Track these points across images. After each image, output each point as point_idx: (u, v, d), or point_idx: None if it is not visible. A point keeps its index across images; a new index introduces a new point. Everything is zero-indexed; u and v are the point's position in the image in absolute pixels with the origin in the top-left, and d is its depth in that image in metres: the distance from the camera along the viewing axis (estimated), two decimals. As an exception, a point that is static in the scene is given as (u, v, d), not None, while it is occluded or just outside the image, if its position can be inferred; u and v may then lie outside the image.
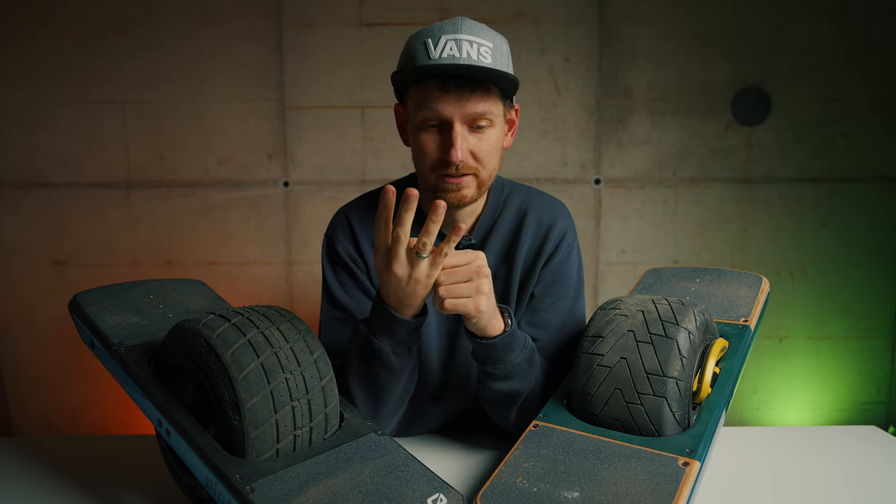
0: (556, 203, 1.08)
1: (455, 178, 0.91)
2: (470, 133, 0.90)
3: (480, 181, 0.94)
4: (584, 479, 0.71)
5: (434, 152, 0.91)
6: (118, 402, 2.18)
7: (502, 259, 1.03)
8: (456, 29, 0.87)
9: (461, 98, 0.87)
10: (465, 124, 0.89)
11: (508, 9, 2.09)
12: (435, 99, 0.88)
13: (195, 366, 0.73)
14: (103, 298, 0.91)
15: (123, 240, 2.17)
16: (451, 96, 0.87)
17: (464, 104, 0.87)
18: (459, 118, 0.88)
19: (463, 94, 0.87)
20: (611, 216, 2.17)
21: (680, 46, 2.09)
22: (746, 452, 0.97)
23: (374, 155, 2.15)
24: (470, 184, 0.93)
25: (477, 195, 0.95)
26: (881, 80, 2.09)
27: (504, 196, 1.06)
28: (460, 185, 0.92)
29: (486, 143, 0.91)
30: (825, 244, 2.16)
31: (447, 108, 0.88)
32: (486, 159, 0.92)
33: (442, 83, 0.87)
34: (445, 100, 0.87)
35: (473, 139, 0.90)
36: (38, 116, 2.12)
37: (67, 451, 1.00)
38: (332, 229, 1.06)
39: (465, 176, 0.91)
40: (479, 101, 0.88)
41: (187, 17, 2.08)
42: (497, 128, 0.92)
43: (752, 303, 1.01)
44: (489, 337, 0.87)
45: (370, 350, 0.87)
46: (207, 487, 0.68)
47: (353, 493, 0.66)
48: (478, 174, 0.93)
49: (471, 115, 0.88)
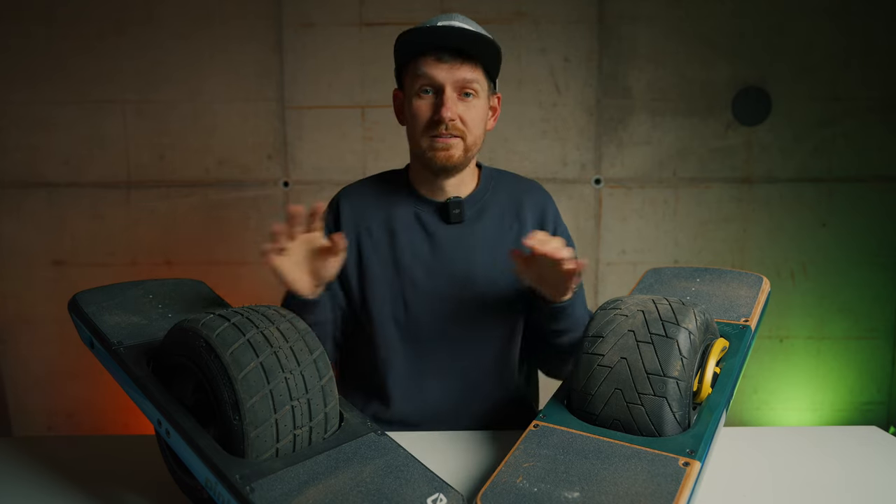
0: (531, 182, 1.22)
1: (444, 138, 1.03)
2: (459, 100, 1.03)
3: (467, 146, 1.05)
4: (585, 480, 0.71)
5: (426, 113, 1.03)
6: (118, 402, 2.18)
7: (508, 231, 1.13)
8: (451, 17, 1.03)
9: (453, 66, 1.01)
10: (455, 90, 1.02)
11: (508, 9, 2.09)
12: (430, 66, 1.01)
13: (195, 366, 0.73)
14: (103, 298, 0.91)
15: (123, 240, 2.17)
16: (444, 64, 1.01)
17: (455, 71, 1.01)
18: (451, 84, 1.01)
19: (455, 63, 1.01)
20: (611, 216, 2.17)
21: (680, 46, 2.09)
22: (746, 452, 0.97)
23: (374, 155, 2.14)
24: (457, 145, 1.04)
25: (463, 159, 1.06)
26: (881, 80, 2.09)
27: (493, 180, 1.17)
28: (448, 144, 1.04)
29: (472, 111, 1.04)
30: (825, 244, 2.16)
31: (440, 73, 1.01)
32: (472, 125, 1.04)
33: (437, 55, 1.01)
34: (439, 67, 1.01)
35: (462, 105, 1.03)
36: (38, 116, 2.12)
37: (67, 451, 0.99)
38: (330, 204, 1.17)
39: (453, 137, 1.03)
40: (468, 70, 1.01)
41: (187, 17, 2.08)
42: (482, 100, 1.05)
43: (752, 303, 1.01)
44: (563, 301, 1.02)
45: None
46: (207, 487, 0.68)
47: (353, 493, 0.66)
48: (464, 138, 1.04)
49: (460, 82, 1.02)
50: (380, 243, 1.10)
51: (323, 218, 0.95)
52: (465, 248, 1.10)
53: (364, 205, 1.13)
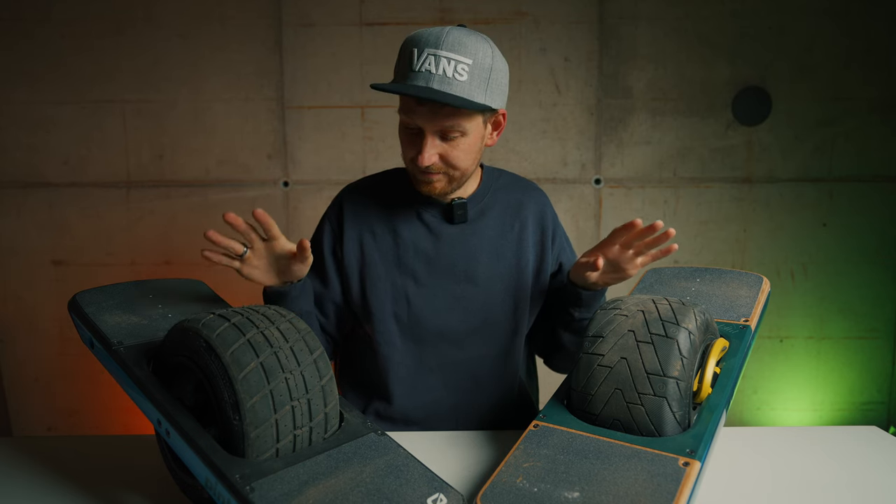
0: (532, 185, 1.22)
1: (427, 174, 1.02)
2: (441, 140, 0.99)
3: (451, 178, 1.04)
4: (585, 479, 0.71)
5: (410, 151, 1.01)
6: (118, 402, 2.18)
7: (511, 233, 1.13)
8: (439, 43, 0.94)
9: (432, 113, 0.96)
10: (435, 134, 0.98)
11: (508, 9, 2.09)
12: (411, 109, 0.97)
13: (195, 366, 0.72)
14: (103, 298, 0.91)
15: (123, 240, 2.17)
16: (424, 109, 0.96)
17: (433, 118, 0.96)
18: (430, 129, 0.97)
19: (433, 109, 0.95)
20: (611, 216, 2.17)
21: (680, 46, 2.09)
22: (746, 452, 0.97)
23: (374, 155, 2.14)
24: (440, 179, 1.03)
25: (448, 188, 1.05)
26: (881, 80, 2.09)
27: (493, 180, 1.18)
28: (431, 179, 1.03)
29: (456, 150, 1.00)
30: (825, 244, 2.16)
31: (420, 119, 0.97)
32: (456, 162, 1.01)
33: (418, 98, 0.94)
34: (419, 112, 0.96)
35: (445, 146, 0.99)
36: (38, 116, 2.12)
37: (67, 451, 0.99)
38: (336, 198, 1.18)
39: (435, 174, 1.02)
40: (447, 118, 0.96)
41: (187, 17, 2.08)
42: (470, 136, 1.00)
43: (752, 303, 1.01)
44: (597, 288, 1.05)
45: None
46: (207, 487, 0.68)
47: (353, 493, 0.66)
48: (447, 173, 1.02)
49: (440, 128, 0.97)
50: (382, 242, 1.11)
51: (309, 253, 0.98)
52: (467, 246, 1.10)
53: (367, 204, 1.14)
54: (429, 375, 1.12)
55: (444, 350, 1.11)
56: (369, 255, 1.11)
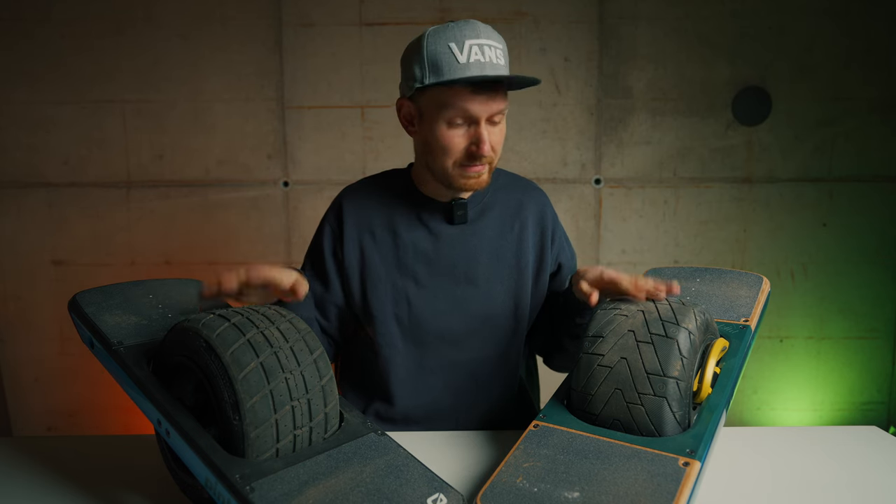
0: (532, 184, 1.22)
1: (478, 167, 1.03)
2: (490, 127, 1.01)
3: (492, 167, 1.06)
4: (585, 479, 0.71)
5: (460, 145, 1.01)
6: (118, 402, 2.18)
7: (510, 234, 1.13)
8: (476, 33, 0.98)
9: (489, 99, 0.98)
10: (487, 120, 1.01)
11: (508, 8, 2.09)
12: (466, 100, 0.98)
13: (195, 366, 0.72)
14: (103, 298, 0.91)
15: (123, 240, 2.17)
16: (481, 97, 0.98)
17: (490, 104, 0.99)
18: (486, 116, 0.99)
19: (490, 95, 0.98)
20: (611, 216, 2.17)
21: (680, 46, 2.09)
22: (746, 452, 0.97)
23: (373, 155, 2.14)
24: (486, 171, 1.05)
25: (489, 178, 1.07)
26: (881, 80, 2.09)
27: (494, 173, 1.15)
28: (481, 172, 1.03)
29: (499, 135, 1.04)
30: (825, 244, 2.16)
31: (476, 107, 0.98)
32: (499, 149, 1.05)
33: (473, 87, 0.97)
34: (476, 101, 0.98)
35: (492, 133, 1.02)
36: (38, 116, 2.12)
37: (67, 451, 0.99)
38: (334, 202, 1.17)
39: (485, 165, 1.03)
40: (500, 101, 1.00)
41: (187, 17, 2.08)
42: (505, 120, 1.05)
43: (752, 303, 1.01)
44: None
45: None
46: (207, 487, 0.68)
47: (353, 493, 0.66)
48: (492, 162, 1.05)
49: (493, 113, 1.00)
50: (383, 243, 1.11)
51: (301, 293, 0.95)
52: (468, 247, 1.10)
53: (366, 205, 1.13)
54: (429, 376, 1.12)
55: (444, 351, 1.11)
56: (370, 256, 1.11)
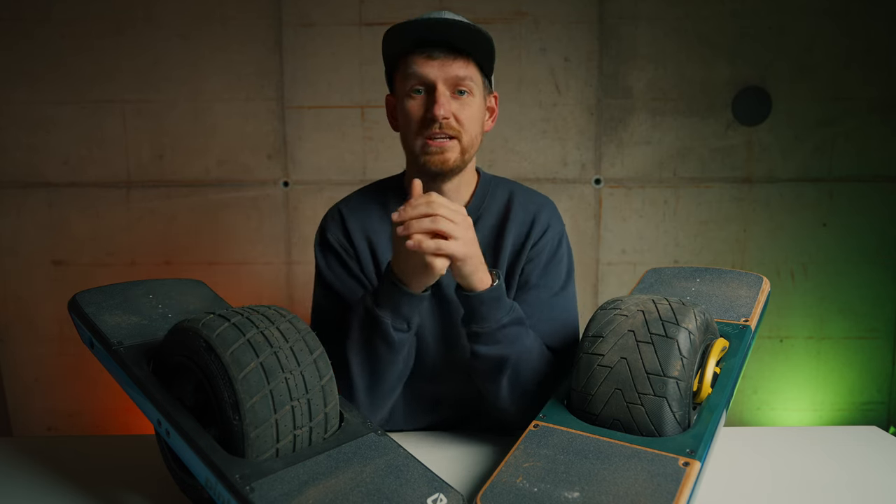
0: (541, 196, 1.13)
1: (439, 140, 0.97)
2: (453, 98, 0.97)
3: (463, 147, 0.99)
4: (585, 479, 0.71)
5: (418, 113, 0.97)
6: (118, 402, 2.18)
7: (490, 247, 1.06)
8: (439, 13, 0.97)
9: (444, 62, 0.95)
10: (447, 87, 0.96)
11: (508, 9, 2.09)
12: (420, 64, 0.96)
13: (195, 366, 0.72)
14: (103, 298, 0.91)
15: (123, 240, 2.17)
16: (435, 61, 0.95)
17: (446, 67, 0.95)
18: (443, 80, 0.96)
19: (446, 59, 0.95)
20: (611, 216, 2.17)
21: (680, 46, 2.09)
22: (746, 452, 0.97)
23: (373, 155, 2.14)
24: (453, 147, 0.98)
25: (460, 162, 1.00)
26: (881, 80, 2.09)
27: (491, 187, 1.11)
28: (444, 147, 0.97)
29: (467, 109, 0.97)
30: (825, 244, 2.16)
31: (431, 71, 0.95)
32: (467, 124, 0.98)
33: (427, 51, 0.95)
34: (430, 64, 0.95)
35: (456, 104, 0.97)
36: (38, 116, 2.12)
37: (67, 451, 0.99)
38: (324, 222, 1.12)
39: (449, 139, 0.97)
40: (460, 66, 0.95)
41: (187, 17, 2.08)
42: (477, 98, 0.99)
43: (752, 303, 1.01)
44: (476, 290, 0.90)
45: (371, 321, 0.91)
46: (207, 487, 0.68)
47: (353, 493, 0.66)
48: (460, 138, 0.98)
49: (453, 79, 0.96)
50: (386, 252, 1.07)
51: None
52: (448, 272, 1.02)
53: (365, 214, 1.09)
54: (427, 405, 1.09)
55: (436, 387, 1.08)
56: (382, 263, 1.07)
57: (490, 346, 0.93)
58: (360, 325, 0.93)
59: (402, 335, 0.92)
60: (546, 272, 1.06)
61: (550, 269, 1.07)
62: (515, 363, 0.94)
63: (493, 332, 0.92)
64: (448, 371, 1.07)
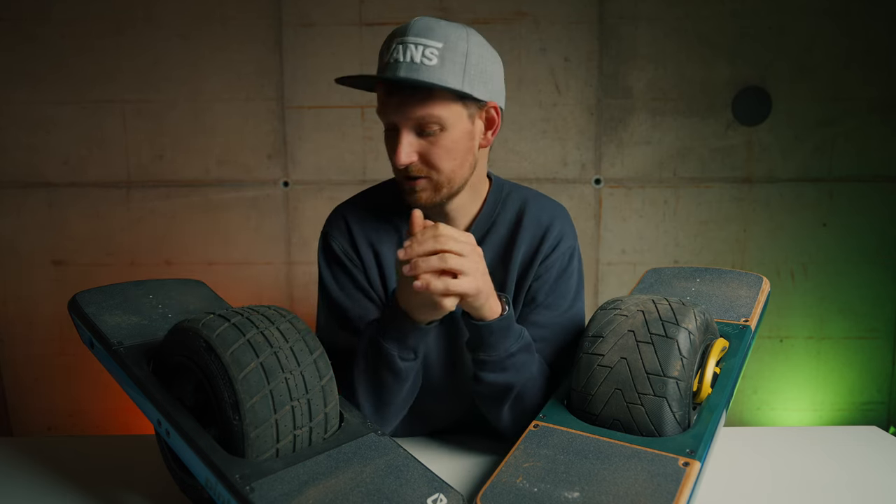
0: (555, 205, 1.07)
1: (410, 181, 0.92)
2: (420, 137, 0.89)
3: (436, 184, 0.92)
4: (585, 480, 0.71)
5: (392, 151, 0.91)
6: (118, 402, 2.18)
7: (499, 260, 1.02)
8: (407, 31, 0.89)
9: (402, 103, 0.87)
10: (412, 129, 0.89)
11: (508, 9, 2.09)
12: (383, 103, 0.89)
13: (195, 366, 0.73)
14: (103, 298, 0.91)
15: (123, 240, 2.17)
16: (393, 100, 0.88)
17: (405, 109, 0.87)
18: (403, 123, 0.88)
19: (403, 99, 0.87)
20: (611, 216, 2.17)
21: (680, 46, 2.09)
22: (746, 452, 0.97)
23: (373, 155, 2.14)
24: (425, 187, 0.92)
25: (436, 196, 0.94)
26: (881, 80, 2.09)
27: (503, 196, 1.05)
28: (415, 187, 0.92)
29: (437, 148, 0.89)
30: (825, 244, 2.16)
31: (391, 113, 0.89)
32: (438, 163, 0.90)
33: (387, 89, 0.88)
34: (390, 104, 0.88)
35: (424, 143, 0.89)
36: (38, 116, 2.12)
37: (67, 451, 0.99)
38: (328, 227, 1.06)
39: (418, 179, 0.91)
40: (419, 107, 0.86)
41: (187, 17, 2.08)
42: (451, 131, 0.89)
43: (752, 303, 1.01)
44: (485, 320, 0.86)
45: (377, 352, 0.88)
46: (207, 487, 0.68)
47: (353, 493, 0.66)
48: (430, 178, 0.91)
49: (414, 120, 0.87)
50: (391, 263, 1.03)
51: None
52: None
53: (370, 221, 1.04)
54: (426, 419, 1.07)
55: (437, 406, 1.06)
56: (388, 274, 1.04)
57: (497, 373, 0.90)
58: (365, 353, 0.90)
59: (409, 364, 0.89)
60: (554, 290, 1.02)
61: (559, 287, 1.02)
62: (521, 390, 0.92)
63: (501, 360, 0.89)
64: (450, 390, 1.05)
